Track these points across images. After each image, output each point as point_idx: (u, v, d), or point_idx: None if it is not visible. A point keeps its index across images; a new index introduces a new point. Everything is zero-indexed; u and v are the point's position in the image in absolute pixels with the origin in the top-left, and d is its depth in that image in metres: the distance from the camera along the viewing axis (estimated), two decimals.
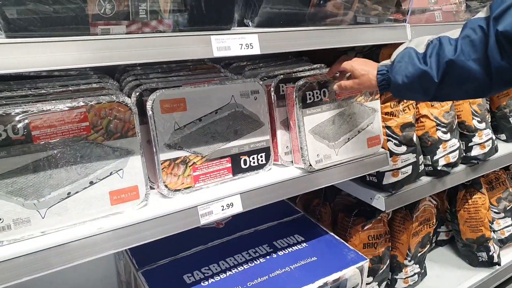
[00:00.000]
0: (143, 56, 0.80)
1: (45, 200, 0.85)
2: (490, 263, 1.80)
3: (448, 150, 1.48)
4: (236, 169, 1.09)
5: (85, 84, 1.02)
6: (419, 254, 1.67)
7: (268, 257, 1.25)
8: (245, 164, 1.11)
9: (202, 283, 1.13)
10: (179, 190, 1.01)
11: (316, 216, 1.67)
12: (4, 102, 0.88)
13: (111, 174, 0.92)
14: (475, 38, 0.84)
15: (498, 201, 1.93)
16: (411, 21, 1.21)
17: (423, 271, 1.73)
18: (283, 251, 1.29)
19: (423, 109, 1.46)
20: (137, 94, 1.01)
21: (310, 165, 1.14)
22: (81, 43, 0.77)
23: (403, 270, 1.63)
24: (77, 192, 0.89)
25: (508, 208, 1.94)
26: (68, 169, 0.88)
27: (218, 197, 1.00)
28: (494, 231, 1.92)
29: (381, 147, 1.30)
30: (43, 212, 0.86)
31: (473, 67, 0.84)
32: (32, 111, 0.83)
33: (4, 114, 0.80)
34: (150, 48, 0.80)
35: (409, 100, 1.37)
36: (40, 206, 0.85)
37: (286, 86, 1.15)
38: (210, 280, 1.14)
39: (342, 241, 1.35)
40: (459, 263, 1.90)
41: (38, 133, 0.84)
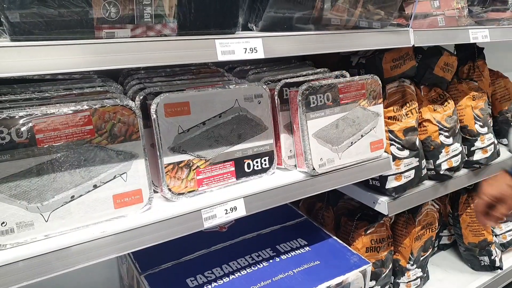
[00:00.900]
0: (147, 60, 0.80)
1: (48, 204, 0.85)
2: (492, 267, 1.80)
3: (451, 154, 1.48)
4: (240, 173, 1.09)
5: (89, 87, 1.02)
6: (421, 258, 1.66)
7: (271, 261, 1.25)
8: (249, 168, 1.11)
9: (205, 287, 1.13)
10: (182, 193, 1.00)
11: (319, 220, 1.67)
12: (8, 105, 0.88)
13: (114, 177, 0.92)
14: None
15: None
16: (414, 25, 1.21)
17: (425, 275, 1.72)
18: (286, 255, 1.28)
19: (426, 113, 1.46)
20: (141, 97, 1.01)
21: (314, 169, 1.14)
22: (86, 47, 0.77)
23: (406, 274, 1.63)
24: (80, 195, 0.88)
25: (510, 212, 1.93)
26: (72, 173, 0.87)
27: (222, 200, 1.00)
28: (496, 236, 1.92)
29: (384, 151, 1.30)
30: (47, 215, 0.86)
31: None
32: (36, 114, 0.83)
33: (8, 117, 0.80)
34: (155, 52, 0.80)
35: None
36: (44, 209, 0.85)
37: (290, 90, 1.15)
38: (213, 284, 1.14)
39: (345, 245, 1.35)
40: (462, 267, 1.89)
41: (42, 137, 0.84)
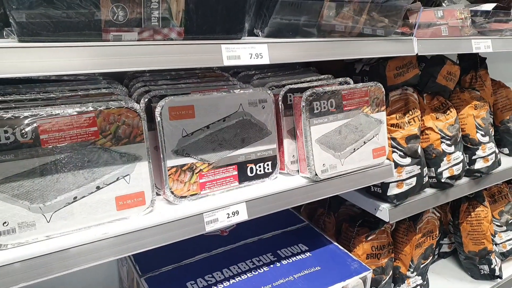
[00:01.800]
0: (154, 63, 0.80)
1: (51, 204, 0.85)
2: (492, 276, 1.79)
3: (452, 162, 1.48)
4: (243, 177, 1.09)
5: (94, 89, 1.03)
6: (421, 266, 1.66)
7: (271, 266, 1.25)
8: (252, 172, 1.11)
9: None
10: (185, 197, 1.01)
11: (320, 226, 1.66)
12: (13, 105, 0.88)
13: (118, 179, 0.92)
14: None
15: (500, 214, 1.92)
16: (418, 34, 1.22)
17: (425, 282, 1.72)
18: (287, 260, 1.28)
19: (428, 121, 1.47)
20: (146, 100, 1.01)
21: (316, 174, 1.14)
22: (94, 49, 0.78)
23: (406, 281, 1.62)
24: (83, 196, 0.89)
25: (510, 222, 1.94)
26: (75, 174, 0.87)
27: (224, 204, 1.00)
28: (496, 244, 1.91)
29: (386, 158, 1.30)
30: (49, 216, 0.86)
31: None
32: (41, 115, 0.83)
33: (13, 117, 0.81)
34: (161, 56, 0.81)
35: None
36: (46, 210, 0.85)
37: (294, 96, 1.16)
38: None
39: (345, 251, 1.35)
40: (461, 275, 1.89)
41: (46, 137, 0.84)
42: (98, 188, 0.90)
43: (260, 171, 1.12)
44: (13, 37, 0.76)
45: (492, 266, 1.79)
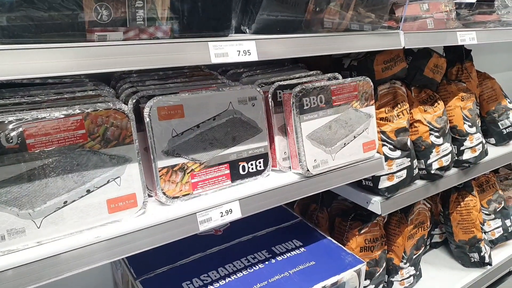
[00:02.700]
0: (140, 62, 0.79)
1: (40, 210, 0.84)
2: (482, 263, 1.83)
3: (441, 154, 1.50)
4: (235, 176, 1.09)
5: (81, 91, 1.01)
6: (414, 257, 1.68)
7: (267, 262, 1.25)
8: (244, 170, 1.11)
9: None
10: (177, 197, 1.00)
11: (314, 221, 1.67)
12: None
13: (108, 182, 0.90)
14: None
15: (488, 203, 1.96)
16: (404, 28, 1.23)
17: (418, 273, 1.74)
18: (282, 256, 1.28)
19: (417, 114, 1.48)
20: (134, 101, 1.00)
21: (308, 170, 1.14)
22: (78, 50, 0.76)
23: (399, 272, 1.64)
24: (73, 200, 0.87)
25: (498, 210, 1.97)
26: (64, 178, 0.86)
27: (217, 203, 0.99)
28: (485, 232, 1.95)
29: (376, 151, 1.31)
30: (39, 221, 0.84)
31: None
32: (26, 119, 0.81)
33: None
34: (148, 55, 0.80)
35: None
36: (36, 215, 0.83)
37: (283, 92, 1.16)
38: (210, 287, 1.13)
39: (339, 245, 1.36)
40: (453, 264, 1.92)
41: (32, 142, 0.82)
42: (88, 191, 0.89)
43: (252, 169, 1.12)
44: None
45: (482, 254, 1.82)
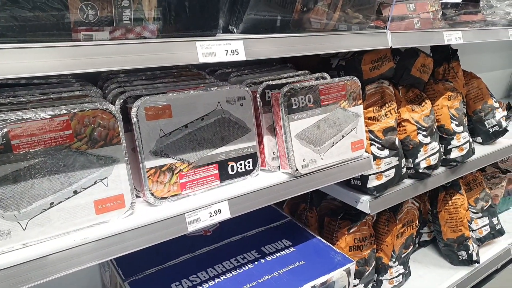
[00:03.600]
0: (127, 62, 0.79)
1: (26, 211, 0.83)
2: (469, 261, 1.85)
3: (429, 153, 1.52)
4: (224, 176, 1.09)
5: (67, 92, 1.00)
6: (403, 255, 1.70)
7: (256, 262, 1.25)
8: (233, 170, 1.11)
9: None
10: (165, 197, 0.99)
11: (303, 221, 1.68)
12: None
13: (95, 183, 0.90)
14: None
15: (476, 201, 1.99)
16: (391, 28, 1.24)
17: (407, 271, 1.76)
18: (271, 256, 1.29)
19: (405, 113, 1.50)
20: (121, 101, 0.99)
21: (297, 169, 1.15)
22: (63, 50, 0.75)
23: (388, 271, 1.66)
24: (60, 202, 0.86)
25: (485, 208, 2.00)
26: (50, 179, 0.85)
27: (206, 204, 0.99)
28: (472, 231, 1.98)
29: (364, 151, 1.32)
30: (24, 223, 0.83)
31: None
32: (11, 119, 0.80)
33: None
34: (134, 54, 0.79)
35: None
36: (21, 217, 0.82)
37: (272, 92, 1.16)
38: None
39: (329, 244, 1.36)
40: (441, 262, 1.94)
41: (18, 142, 0.81)
42: (75, 192, 0.88)
43: (241, 168, 1.12)
44: None
45: (470, 252, 1.85)
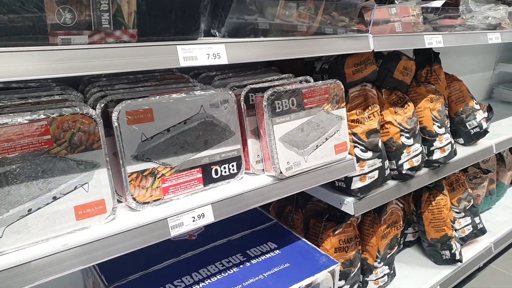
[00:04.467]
0: (106, 66, 0.78)
1: (2, 219, 0.81)
2: (453, 260, 1.88)
3: (412, 154, 1.54)
4: (207, 179, 1.08)
5: (47, 96, 0.98)
6: (388, 256, 1.72)
7: (241, 266, 1.25)
8: (216, 174, 1.10)
9: None
10: (148, 202, 0.98)
11: (289, 223, 1.68)
12: None
13: (75, 188, 0.88)
14: None
15: (458, 201, 2.02)
16: (373, 31, 1.26)
17: (392, 271, 1.78)
18: (256, 259, 1.28)
19: (387, 115, 1.52)
20: (102, 105, 0.98)
21: (281, 172, 1.15)
22: (39, 54, 0.74)
23: (374, 272, 1.67)
24: (39, 208, 0.85)
25: (467, 208, 2.04)
26: (28, 185, 0.83)
27: (189, 208, 0.98)
28: (455, 230, 2.01)
29: (348, 153, 1.33)
30: (1, 231, 0.81)
31: None
32: None
33: None
34: (114, 59, 0.79)
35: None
36: None
37: (256, 95, 1.16)
38: None
39: (314, 246, 1.37)
40: (425, 262, 1.97)
41: None
42: (54, 198, 0.87)
43: (225, 172, 1.12)
44: None
45: (453, 251, 1.88)
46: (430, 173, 1.69)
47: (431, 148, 1.66)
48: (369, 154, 1.41)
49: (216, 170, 1.10)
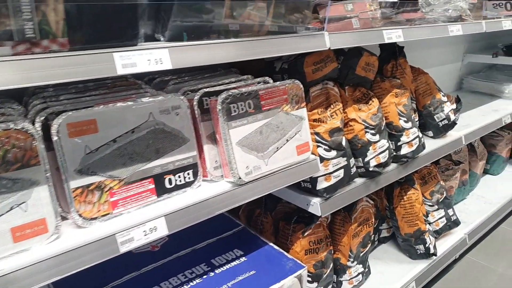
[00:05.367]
0: (32, 79, 0.73)
1: None
2: (427, 254, 1.89)
3: (378, 151, 1.53)
4: (161, 190, 1.04)
5: None
6: (361, 254, 1.70)
7: (205, 276, 1.21)
8: (171, 183, 1.06)
9: None
10: (95, 218, 0.93)
11: (259, 227, 1.65)
12: None
13: (11, 208, 0.83)
14: None
15: (431, 194, 2.02)
16: (329, 29, 1.23)
17: (367, 270, 1.76)
18: (221, 268, 1.25)
19: (351, 113, 1.50)
20: (42, 118, 0.92)
21: (240, 178, 1.11)
22: None
23: (347, 271, 1.65)
24: None
25: (440, 200, 2.05)
26: None
27: (140, 222, 0.94)
28: (429, 223, 2.02)
29: (310, 153, 1.31)
30: None
31: None
32: None
33: None
34: (41, 70, 0.74)
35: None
36: None
37: (210, 99, 1.12)
38: None
39: (281, 251, 1.34)
40: (401, 257, 1.97)
41: None
42: None
43: (180, 181, 1.08)
44: None
45: (427, 245, 1.88)
46: (399, 169, 1.68)
47: (399, 143, 1.65)
48: (333, 153, 1.39)
49: (170, 180, 1.06)
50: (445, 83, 3.06)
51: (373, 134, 1.52)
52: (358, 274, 1.69)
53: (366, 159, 1.51)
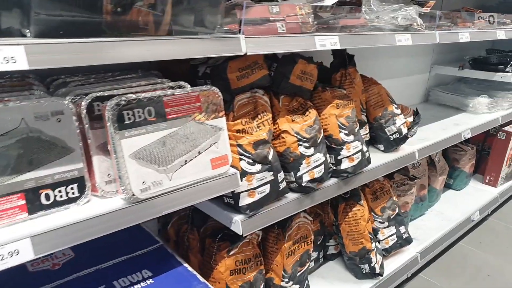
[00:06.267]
0: None
1: None
2: (372, 274, 1.79)
3: (312, 165, 1.42)
4: (34, 207, 0.91)
5: None
6: (298, 274, 1.59)
7: None
8: (48, 199, 0.93)
9: None
10: None
11: (185, 244, 1.53)
12: None
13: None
14: None
15: (382, 210, 1.92)
16: (248, 32, 1.12)
17: None
18: None
19: (283, 124, 1.39)
20: None
21: (133, 194, 0.99)
22: None
23: None
24: None
25: (392, 217, 1.95)
26: None
27: None
28: (379, 241, 1.92)
29: (229, 167, 1.19)
30: None
31: None
32: None
33: None
34: None
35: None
36: None
37: (103, 105, 1.00)
38: None
39: (194, 273, 1.22)
40: (346, 276, 1.86)
41: None
42: None
43: (61, 196, 0.95)
44: None
45: (372, 265, 1.78)
46: (339, 184, 1.57)
47: (338, 157, 1.55)
48: (258, 167, 1.27)
49: (47, 195, 0.93)
50: (412, 94, 2.98)
51: (307, 147, 1.41)
52: None
53: (299, 174, 1.40)
